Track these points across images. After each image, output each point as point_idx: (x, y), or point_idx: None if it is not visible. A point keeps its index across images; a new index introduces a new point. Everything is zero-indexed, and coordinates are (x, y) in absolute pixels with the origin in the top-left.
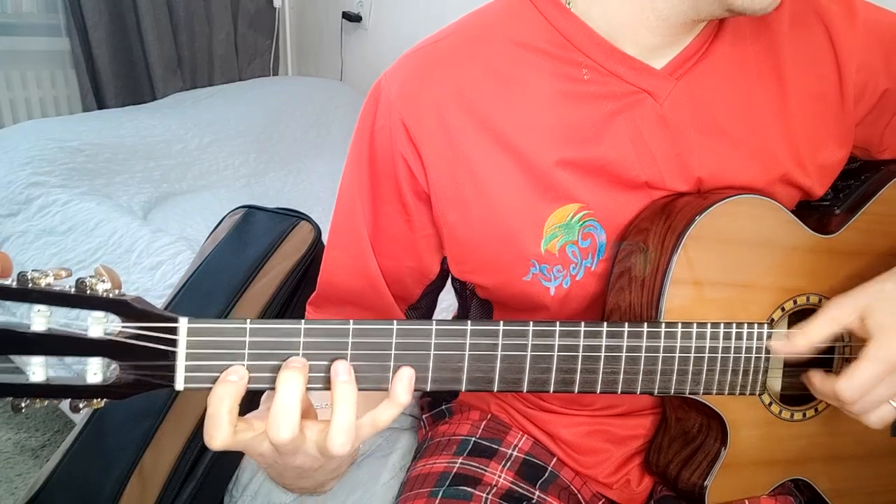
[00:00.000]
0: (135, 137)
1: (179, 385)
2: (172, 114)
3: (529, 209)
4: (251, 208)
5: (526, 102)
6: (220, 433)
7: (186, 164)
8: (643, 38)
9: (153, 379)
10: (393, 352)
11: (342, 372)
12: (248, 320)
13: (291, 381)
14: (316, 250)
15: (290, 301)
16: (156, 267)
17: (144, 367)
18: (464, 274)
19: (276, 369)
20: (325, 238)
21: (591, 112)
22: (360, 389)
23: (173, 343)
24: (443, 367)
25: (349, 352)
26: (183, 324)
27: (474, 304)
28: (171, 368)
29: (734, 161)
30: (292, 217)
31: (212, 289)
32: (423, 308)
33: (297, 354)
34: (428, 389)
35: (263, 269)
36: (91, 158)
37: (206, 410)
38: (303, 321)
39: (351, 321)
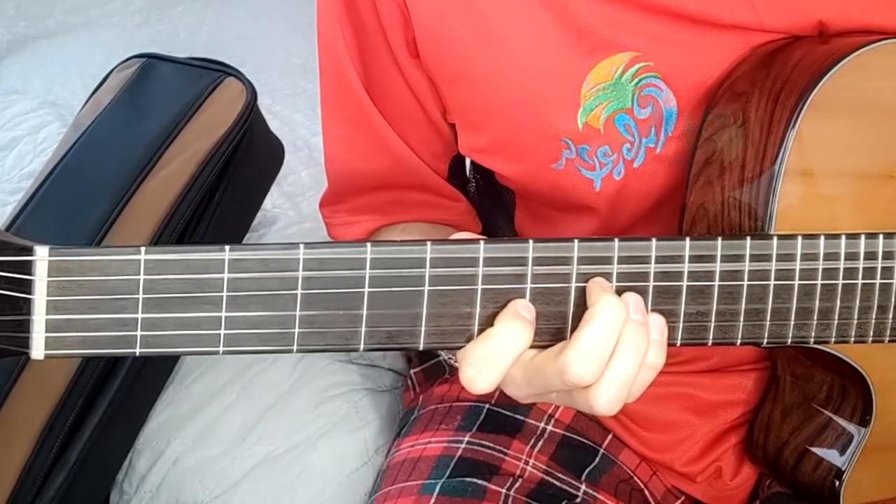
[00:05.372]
0: None
1: (38, 351)
2: None
3: (558, 64)
4: (152, 58)
5: None
6: (495, 377)
7: None
8: None
9: None
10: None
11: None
12: (143, 249)
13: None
14: (250, 120)
15: (212, 198)
16: (8, 146)
17: None
18: (475, 154)
19: (185, 324)
20: (261, 102)
21: None
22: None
23: (27, 286)
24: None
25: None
26: (41, 256)
27: (487, 196)
28: (25, 326)
29: None
30: (213, 71)
31: (91, 180)
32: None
33: (220, 297)
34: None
35: (171, 151)
36: None
37: (84, 365)
38: (227, 247)
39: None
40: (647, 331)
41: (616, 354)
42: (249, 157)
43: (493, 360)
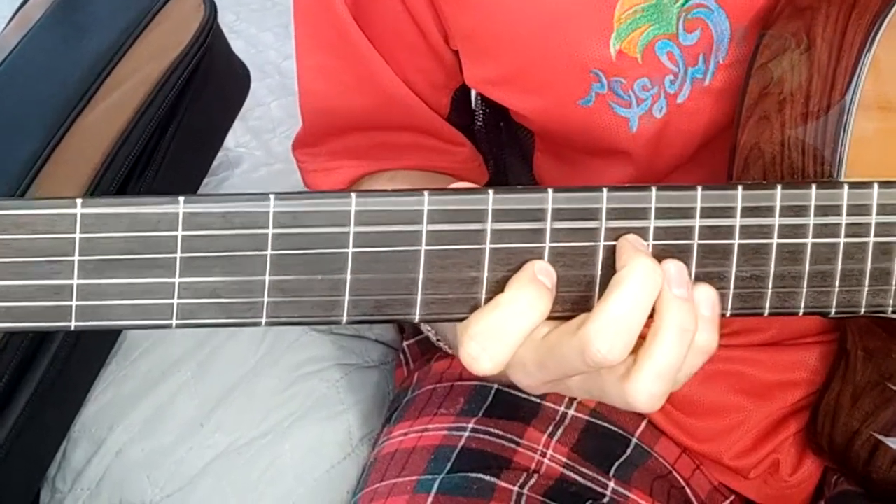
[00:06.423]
0: None
1: None
2: None
3: None
4: None
5: None
6: (504, 355)
7: None
8: None
9: None
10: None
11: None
12: (80, 200)
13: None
14: (209, 40)
15: (163, 134)
16: None
17: None
18: (484, 86)
19: (131, 292)
20: (223, 18)
21: None
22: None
23: None
24: None
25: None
26: None
27: (498, 134)
28: None
29: None
30: None
31: (17, 113)
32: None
33: (174, 259)
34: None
35: (114, 77)
36: None
37: (7, 339)
38: (181, 198)
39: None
40: (694, 309)
41: (658, 339)
42: (208, 84)
43: (501, 334)
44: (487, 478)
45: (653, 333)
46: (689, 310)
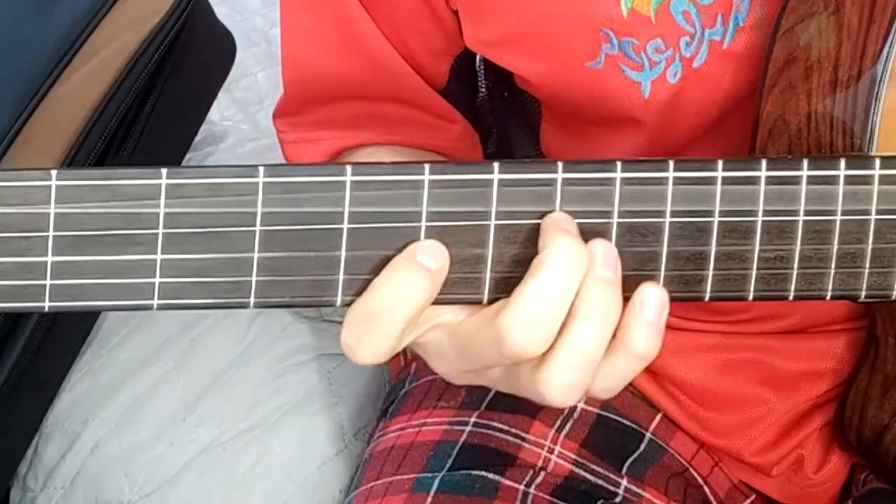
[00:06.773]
0: None
1: None
2: None
3: None
4: None
5: None
6: (382, 345)
7: None
8: None
9: None
10: None
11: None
12: (55, 172)
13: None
14: (191, 6)
15: (142, 107)
16: None
17: None
18: (485, 48)
19: (109, 270)
20: None
21: None
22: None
23: None
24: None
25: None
26: None
27: (502, 103)
28: None
29: None
30: None
31: None
32: (459, 95)
33: (155, 235)
34: None
35: (89, 46)
36: None
37: None
38: (164, 170)
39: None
40: (619, 294)
41: (575, 324)
42: (190, 53)
43: (377, 322)
44: (491, 475)
45: (569, 317)
46: (612, 294)
